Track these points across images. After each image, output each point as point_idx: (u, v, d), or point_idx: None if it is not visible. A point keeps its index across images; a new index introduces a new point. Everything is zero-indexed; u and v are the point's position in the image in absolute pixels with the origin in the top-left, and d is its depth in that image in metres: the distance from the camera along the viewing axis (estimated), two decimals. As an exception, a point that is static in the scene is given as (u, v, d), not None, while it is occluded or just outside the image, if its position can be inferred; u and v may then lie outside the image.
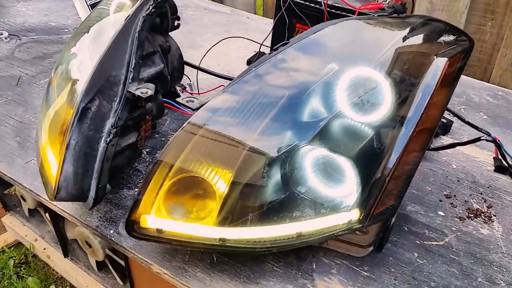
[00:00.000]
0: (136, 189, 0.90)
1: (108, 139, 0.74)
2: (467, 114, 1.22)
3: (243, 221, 0.67)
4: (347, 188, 0.68)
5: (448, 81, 0.72)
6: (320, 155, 0.69)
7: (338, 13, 1.17)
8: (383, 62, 0.70)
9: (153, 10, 0.83)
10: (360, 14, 1.12)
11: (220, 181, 0.67)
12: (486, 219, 0.90)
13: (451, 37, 0.76)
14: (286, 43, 0.72)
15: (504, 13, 1.43)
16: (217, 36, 1.55)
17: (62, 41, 1.48)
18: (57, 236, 1.13)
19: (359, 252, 0.75)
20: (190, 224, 0.68)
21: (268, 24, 1.75)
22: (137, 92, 0.75)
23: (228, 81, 1.23)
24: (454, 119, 1.17)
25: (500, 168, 1.03)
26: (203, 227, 0.67)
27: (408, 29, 0.74)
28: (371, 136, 0.68)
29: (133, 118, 0.81)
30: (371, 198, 0.68)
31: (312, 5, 1.20)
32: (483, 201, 0.94)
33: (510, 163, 1.03)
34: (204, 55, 1.14)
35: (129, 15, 0.81)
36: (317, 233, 0.68)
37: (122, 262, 0.99)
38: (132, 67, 0.77)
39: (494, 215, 0.91)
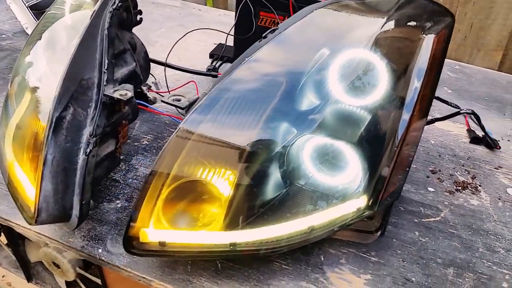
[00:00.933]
0: (118, 201, 0.82)
1: (88, 150, 0.67)
2: (434, 90, 1.25)
3: (253, 222, 0.63)
4: (352, 175, 0.66)
5: (438, 58, 0.72)
6: (321, 144, 0.66)
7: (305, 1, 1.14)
8: (375, 44, 0.68)
9: (120, 3, 0.76)
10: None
11: (223, 183, 0.62)
12: (473, 190, 0.92)
13: (435, 14, 0.75)
14: (275, 29, 0.68)
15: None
16: (171, 31, 1.48)
17: (2, 48, 1.34)
18: (17, 261, 1.02)
19: (367, 239, 0.74)
20: (195, 232, 0.63)
21: (221, 15, 1.70)
22: (116, 95, 0.68)
23: (197, 75, 1.18)
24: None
25: (475, 140, 1.06)
26: (210, 234, 0.62)
27: (395, 8, 0.72)
28: (371, 119, 0.66)
29: (111, 124, 0.74)
30: (379, 183, 0.66)
31: (276, -9, 1.16)
32: (466, 173, 0.96)
33: (483, 133, 1.06)
34: (170, 50, 1.07)
35: (94, 11, 0.73)
36: (329, 225, 0.65)
37: (98, 280, 0.91)
38: (106, 68, 0.70)
39: (480, 185, 0.93)
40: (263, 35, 0.68)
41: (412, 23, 0.73)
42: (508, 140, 1.08)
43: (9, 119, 0.74)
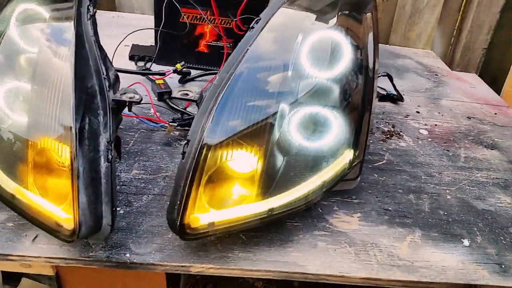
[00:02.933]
0: (118, 209, 0.82)
1: (109, 157, 0.67)
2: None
3: (282, 188, 0.72)
4: (340, 135, 0.80)
5: (376, 31, 0.90)
6: (310, 113, 0.78)
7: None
8: (336, 25, 0.83)
9: (94, 10, 0.76)
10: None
11: (253, 158, 0.70)
12: (398, 135, 1.15)
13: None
14: (259, 19, 0.77)
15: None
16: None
17: None
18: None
19: (352, 185, 0.89)
20: (236, 207, 0.69)
21: (115, 17, 1.67)
22: (124, 98, 0.70)
23: (142, 76, 1.18)
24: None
25: (382, 98, 1.30)
26: (250, 206, 0.70)
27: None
28: (345, 86, 0.81)
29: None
30: (360, 137, 0.82)
31: (196, -13, 1.23)
32: (387, 124, 1.20)
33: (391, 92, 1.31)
34: (114, 53, 1.06)
35: (74, 20, 0.72)
36: (335, 177, 0.78)
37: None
38: (105, 74, 0.70)
39: (400, 132, 1.17)
40: (251, 25, 0.76)
41: (353, 5, 0.90)
42: (404, 94, 1.35)
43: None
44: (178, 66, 1.17)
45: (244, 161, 0.70)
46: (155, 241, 0.77)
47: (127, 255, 0.74)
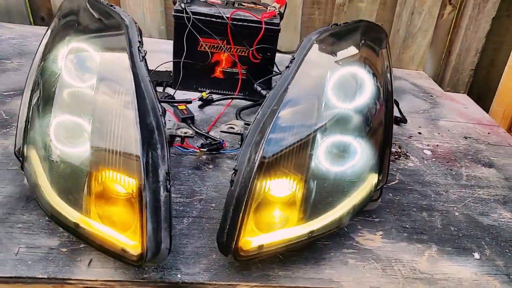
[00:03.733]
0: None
1: (168, 186, 0.74)
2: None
3: (321, 211, 0.80)
4: (368, 160, 0.88)
5: (390, 64, 0.99)
6: (338, 142, 0.87)
7: (240, 24, 1.32)
8: (358, 60, 0.92)
9: (144, 51, 0.83)
10: (259, 22, 1.30)
11: (294, 186, 0.78)
12: (405, 156, 1.25)
13: (378, 31, 1.03)
14: (293, 59, 0.86)
15: (326, 2, 1.83)
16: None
17: None
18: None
19: (373, 205, 0.98)
20: (282, 230, 0.77)
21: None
22: (180, 133, 0.77)
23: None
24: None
25: (387, 119, 1.40)
26: (294, 229, 0.78)
27: (360, 33, 0.97)
28: (367, 115, 0.90)
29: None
30: (384, 162, 0.91)
31: (214, 19, 1.31)
32: (394, 145, 1.29)
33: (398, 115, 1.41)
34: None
35: (130, 59, 0.79)
36: (363, 200, 0.87)
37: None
38: (161, 112, 0.77)
39: (407, 152, 1.27)
40: (288, 64, 0.85)
41: (373, 41, 0.99)
42: (406, 117, 1.46)
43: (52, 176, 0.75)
44: (204, 94, 1.24)
45: (286, 188, 0.78)
46: (201, 262, 0.84)
47: (178, 275, 0.80)
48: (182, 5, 1.30)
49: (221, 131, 0.82)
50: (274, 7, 1.35)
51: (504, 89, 1.71)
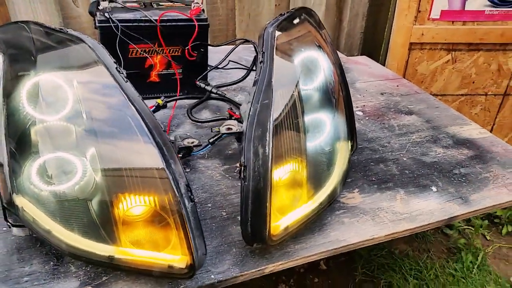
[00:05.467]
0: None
1: (192, 197, 0.77)
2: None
3: (322, 184, 0.90)
4: (342, 131, 1.00)
5: (331, 41, 1.11)
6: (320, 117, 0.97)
7: (171, 25, 1.32)
8: (315, 46, 1.02)
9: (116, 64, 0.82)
10: (189, 20, 1.32)
11: (297, 166, 0.86)
12: (345, 120, 1.40)
13: (315, 15, 1.14)
14: (263, 53, 0.92)
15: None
16: None
17: None
18: None
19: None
20: (299, 209, 0.85)
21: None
22: (186, 143, 0.79)
23: None
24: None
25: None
26: (307, 205, 0.86)
27: (305, 19, 1.06)
28: (333, 92, 1.01)
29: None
30: (353, 131, 1.04)
31: (143, 24, 1.29)
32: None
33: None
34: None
35: (118, 84, 0.78)
36: (347, 166, 0.99)
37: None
38: (163, 128, 0.78)
39: (345, 116, 1.42)
40: (259, 59, 0.91)
41: (316, 26, 1.10)
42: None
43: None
44: (160, 101, 1.23)
45: (287, 172, 0.86)
46: (225, 258, 0.88)
47: (212, 276, 0.84)
48: (106, 14, 1.25)
49: (222, 133, 0.85)
50: (198, 3, 1.38)
51: (395, 46, 1.97)
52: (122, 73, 0.81)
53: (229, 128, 0.84)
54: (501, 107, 2.14)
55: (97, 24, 1.25)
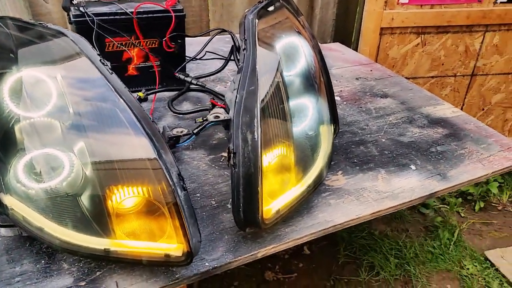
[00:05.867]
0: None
1: (184, 186, 0.77)
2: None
3: (308, 167, 0.92)
4: (325, 114, 1.03)
5: (309, 27, 1.13)
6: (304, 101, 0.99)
7: (147, 17, 1.31)
8: (295, 32, 1.04)
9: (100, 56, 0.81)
10: (166, 11, 1.31)
11: (285, 150, 0.88)
12: (324, 105, 1.43)
13: (291, 1, 1.15)
14: (245, 40, 0.93)
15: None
16: None
17: None
18: None
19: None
20: (288, 192, 0.87)
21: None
22: (175, 133, 0.80)
23: None
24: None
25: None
26: (296, 188, 0.89)
27: (282, 6, 1.08)
28: (315, 76, 1.03)
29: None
30: (335, 114, 1.06)
31: (119, 17, 1.27)
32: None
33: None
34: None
35: (104, 76, 0.77)
36: (331, 149, 1.02)
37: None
38: (151, 118, 0.79)
39: (323, 102, 1.45)
40: (242, 47, 0.91)
41: (294, 12, 1.11)
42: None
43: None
44: (141, 94, 1.22)
45: (275, 157, 0.88)
46: (218, 246, 0.89)
47: (206, 264, 0.85)
48: (81, 8, 1.23)
49: (209, 122, 0.86)
50: (172, -6, 1.36)
51: (366, 32, 2.01)
52: (107, 65, 0.80)
53: (216, 116, 0.85)
54: (469, 88, 2.22)
55: (72, 19, 1.22)
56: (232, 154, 0.82)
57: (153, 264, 0.75)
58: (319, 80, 1.04)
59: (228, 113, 0.88)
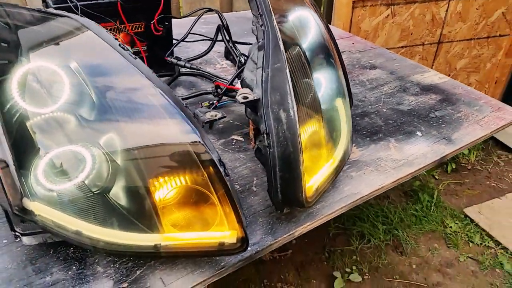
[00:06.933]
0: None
1: (226, 171, 0.74)
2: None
3: (336, 141, 0.91)
4: (343, 87, 1.01)
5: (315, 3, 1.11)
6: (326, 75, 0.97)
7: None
8: (305, 5, 1.01)
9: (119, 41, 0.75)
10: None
11: (317, 126, 0.86)
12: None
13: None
14: (260, 15, 0.89)
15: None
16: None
17: None
18: None
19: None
20: (323, 169, 0.86)
21: None
22: (210, 117, 0.75)
23: None
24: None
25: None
26: (329, 164, 0.87)
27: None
28: (331, 50, 1.02)
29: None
30: (349, 87, 1.05)
31: (102, 1, 1.19)
32: (304, 74, 1.45)
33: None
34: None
35: (124, 58, 0.71)
36: (351, 123, 1.01)
37: None
38: (184, 103, 0.74)
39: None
40: (259, 23, 0.87)
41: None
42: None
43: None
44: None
45: (313, 132, 0.86)
46: (255, 229, 0.87)
47: (249, 248, 0.82)
48: (61, -7, 1.13)
49: (240, 102, 0.81)
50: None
51: (339, 6, 2.01)
52: (128, 50, 0.74)
53: (245, 97, 0.81)
54: (436, 55, 2.30)
55: (52, 5, 1.12)
56: (265, 135, 0.80)
57: (207, 254, 0.71)
58: (333, 53, 1.02)
59: (254, 93, 0.85)
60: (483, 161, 2.51)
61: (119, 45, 0.74)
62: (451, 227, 2.06)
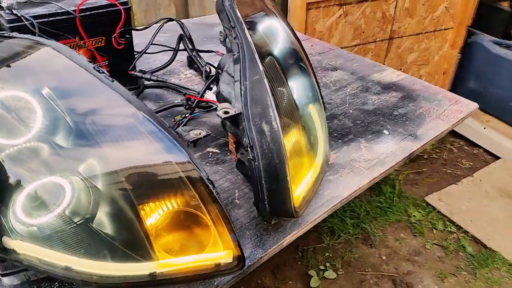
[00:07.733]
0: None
1: (215, 189, 0.73)
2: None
3: (315, 146, 0.93)
4: (315, 92, 1.03)
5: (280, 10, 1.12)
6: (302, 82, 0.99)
7: (93, 14, 1.18)
8: (272, 13, 1.01)
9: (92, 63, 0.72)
10: (113, 6, 1.20)
11: (298, 134, 0.87)
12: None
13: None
14: (233, 28, 0.89)
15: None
16: None
17: None
18: None
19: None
20: (307, 177, 0.87)
21: None
22: (194, 136, 0.74)
23: None
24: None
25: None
26: (311, 173, 0.89)
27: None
28: (303, 54, 1.03)
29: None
30: (320, 92, 1.07)
31: (60, 17, 1.14)
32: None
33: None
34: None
35: (107, 85, 0.69)
36: (326, 127, 1.03)
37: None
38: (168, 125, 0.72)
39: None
40: (233, 35, 0.87)
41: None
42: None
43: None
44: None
45: (295, 141, 0.87)
46: (244, 243, 0.87)
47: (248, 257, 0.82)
48: (15, 12, 1.06)
49: (222, 118, 0.81)
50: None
51: (294, 8, 2.04)
52: (104, 72, 0.71)
53: (226, 112, 0.80)
54: (388, 51, 2.39)
55: (6, 25, 1.05)
56: (249, 149, 0.80)
57: (205, 277, 0.70)
58: (304, 59, 1.03)
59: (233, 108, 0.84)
60: (437, 149, 2.64)
61: (94, 68, 0.71)
62: (414, 216, 2.15)
